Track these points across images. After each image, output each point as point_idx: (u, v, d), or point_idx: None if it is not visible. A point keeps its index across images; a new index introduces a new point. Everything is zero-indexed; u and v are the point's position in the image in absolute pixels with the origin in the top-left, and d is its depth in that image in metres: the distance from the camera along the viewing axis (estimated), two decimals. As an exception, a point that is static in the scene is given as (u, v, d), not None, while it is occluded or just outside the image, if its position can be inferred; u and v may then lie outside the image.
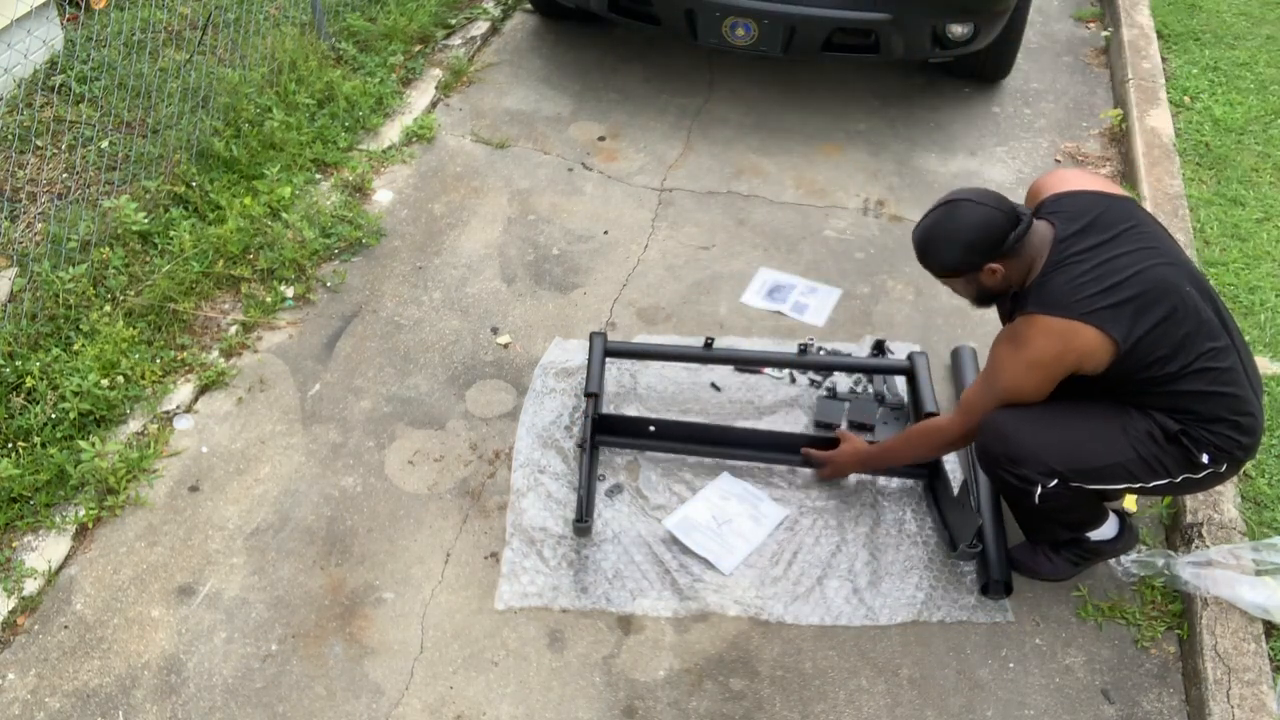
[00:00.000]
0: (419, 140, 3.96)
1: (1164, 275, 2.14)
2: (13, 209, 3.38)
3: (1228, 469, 2.23)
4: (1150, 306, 2.10)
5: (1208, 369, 2.14)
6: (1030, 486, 2.26)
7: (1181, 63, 4.40)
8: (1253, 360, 2.25)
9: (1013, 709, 2.34)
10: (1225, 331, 2.19)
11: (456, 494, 2.74)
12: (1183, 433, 2.18)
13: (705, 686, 2.36)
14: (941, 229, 2.22)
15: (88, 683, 2.32)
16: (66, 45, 4.03)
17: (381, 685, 2.34)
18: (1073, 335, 2.10)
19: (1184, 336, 2.12)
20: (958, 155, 4.00)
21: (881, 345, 3.07)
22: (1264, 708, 2.23)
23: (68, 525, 2.59)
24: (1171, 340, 2.11)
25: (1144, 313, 2.10)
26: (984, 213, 2.18)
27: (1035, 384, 2.20)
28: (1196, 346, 2.13)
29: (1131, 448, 2.19)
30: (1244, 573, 2.39)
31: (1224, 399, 2.15)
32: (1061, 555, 2.51)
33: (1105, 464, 2.21)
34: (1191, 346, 2.12)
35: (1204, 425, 2.17)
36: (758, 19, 3.65)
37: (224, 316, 3.18)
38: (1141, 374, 2.14)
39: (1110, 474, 2.23)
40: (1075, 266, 2.13)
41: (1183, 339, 2.12)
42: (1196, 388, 2.14)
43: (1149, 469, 2.21)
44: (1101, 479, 2.24)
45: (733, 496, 2.73)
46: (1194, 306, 2.14)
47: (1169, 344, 2.11)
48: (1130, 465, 2.20)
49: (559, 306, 3.30)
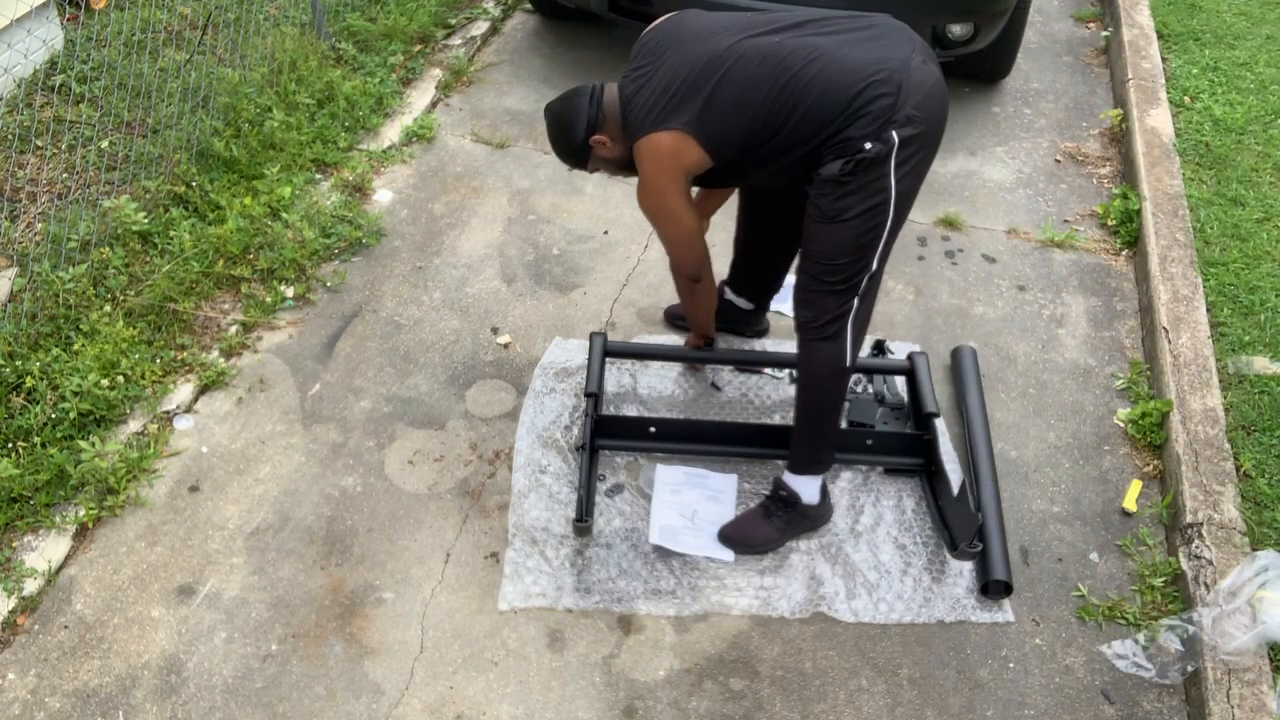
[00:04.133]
0: (419, 140, 3.96)
1: (699, 56, 2.26)
2: (13, 209, 3.38)
3: (894, 132, 2.19)
4: (700, 88, 2.24)
5: (801, 94, 2.19)
6: (853, 278, 2.33)
7: (1181, 63, 4.40)
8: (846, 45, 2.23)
9: (1013, 709, 2.34)
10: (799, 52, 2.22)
11: (456, 494, 2.74)
12: (848, 160, 2.20)
13: (705, 686, 2.36)
14: (552, 135, 2.51)
15: (88, 683, 2.32)
16: (66, 45, 4.03)
17: (381, 685, 2.34)
18: (656, 144, 2.29)
19: (750, 90, 2.22)
20: (958, 155, 4.00)
21: (881, 345, 3.08)
22: (1264, 708, 2.23)
23: (68, 525, 2.59)
24: (737, 98, 2.22)
25: (696, 92, 2.24)
26: (562, 103, 2.47)
27: (667, 191, 2.35)
28: (775, 90, 2.21)
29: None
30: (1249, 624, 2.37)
31: (830, 96, 2.18)
32: (770, 523, 2.60)
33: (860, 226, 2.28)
34: (772, 94, 2.21)
35: (837, 131, 2.19)
36: (758, 19, 3.65)
37: (224, 316, 3.18)
38: (763, 141, 2.25)
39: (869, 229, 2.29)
40: (635, 98, 2.34)
41: (750, 92, 2.21)
42: (805, 123, 2.20)
43: (868, 196, 2.23)
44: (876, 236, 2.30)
45: (681, 487, 2.74)
46: (742, 70, 2.22)
47: (736, 101, 2.22)
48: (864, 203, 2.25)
49: (559, 306, 3.30)
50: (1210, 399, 2.89)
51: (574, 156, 2.49)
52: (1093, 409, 3.03)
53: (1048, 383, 3.10)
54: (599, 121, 2.41)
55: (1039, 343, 3.23)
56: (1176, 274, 3.29)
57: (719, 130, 2.25)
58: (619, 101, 2.38)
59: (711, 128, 2.25)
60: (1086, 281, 3.47)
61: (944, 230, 3.64)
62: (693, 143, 2.27)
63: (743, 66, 2.23)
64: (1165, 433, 2.88)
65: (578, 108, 2.42)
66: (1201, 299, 3.21)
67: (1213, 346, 3.06)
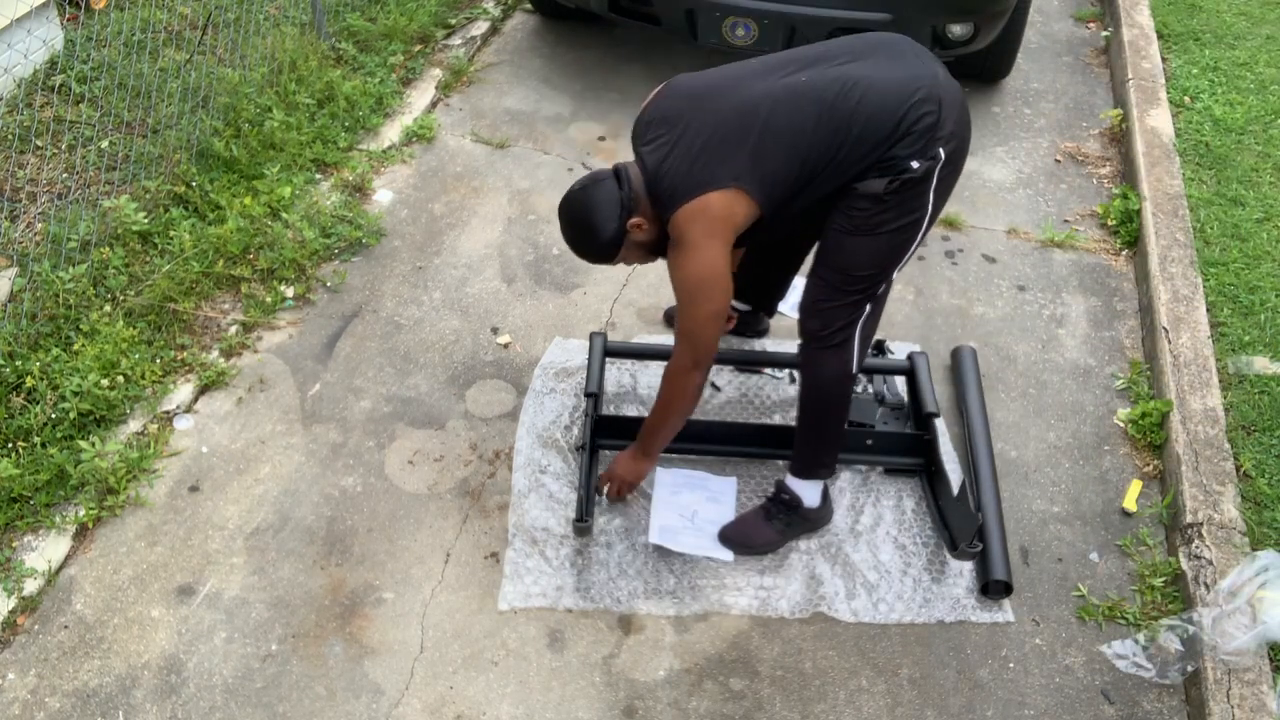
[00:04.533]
0: (419, 140, 3.96)
1: (728, 109, 2.15)
2: (13, 209, 3.38)
3: (940, 148, 2.17)
4: (743, 140, 2.12)
5: (843, 126, 2.13)
6: (870, 289, 2.30)
7: (1181, 63, 4.40)
8: (889, 65, 2.20)
9: (1013, 709, 2.34)
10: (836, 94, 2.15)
11: (456, 494, 2.74)
12: (893, 179, 2.16)
13: (705, 686, 2.36)
14: (578, 229, 2.27)
15: (88, 683, 2.32)
16: (66, 45, 4.03)
17: (381, 685, 2.34)
18: (707, 207, 2.13)
19: (796, 134, 2.13)
20: (958, 155, 3.99)
21: (881, 345, 3.07)
22: (1264, 708, 2.23)
23: (68, 525, 2.59)
24: (787, 144, 2.13)
25: (739, 146, 2.12)
26: (585, 192, 2.24)
27: (717, 258, 2.17)
28: (822, 125, 2.12)
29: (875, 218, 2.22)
30: (1249, 624, 2.37)
31: (879, 121, 2.13)
32: (771, 525, 2.58)
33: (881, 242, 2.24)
34: (812, 136, 2.13)
35: (884, 153, 2.14)
36: (758, 19, 3.65)
37: (224, 316, 3.18)
38: (807, 175, 2.16)
39: (889, 249, 2.26)
40: (663, 167, 2.16)
41: (797, 136, 2.13)
42: (854, 151, 2.14)
43: (906, 213, 2.21)
44: (893, 256, 2.28)
45: (681, 488, 2.74)
46: (782, 113, 2.14)
47: (785, 147, 2.13)
48: (891, 226, 2.22)
49: (559, 306, 3.30)
50: (1210, 399, 2.89)
51: (606, 250, 2.27)
52: (1093, 409, 3.03)
53: (1048, 383, 3.10)
54: (632, 204, 2.21)
55: (1039, 343, 3.23)
56: (1176, 274, 3.29)
57: (771, 178, 2.13)
58: (643, 178, 2.20)
59: (764, 178, 2.13)
60: (1086, 281, 3.47)
61: (944, 230, 3.64)
62: (745, 198, 2.13)
63: (782, 109, 2.13)
64: (1165, 433, 2.88)
65: (607, 192, 2.21)
66: (1201, 299, 3.21)
67: (1213, 346, 3.06)
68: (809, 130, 2.12)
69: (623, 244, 2.26)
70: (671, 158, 2.15)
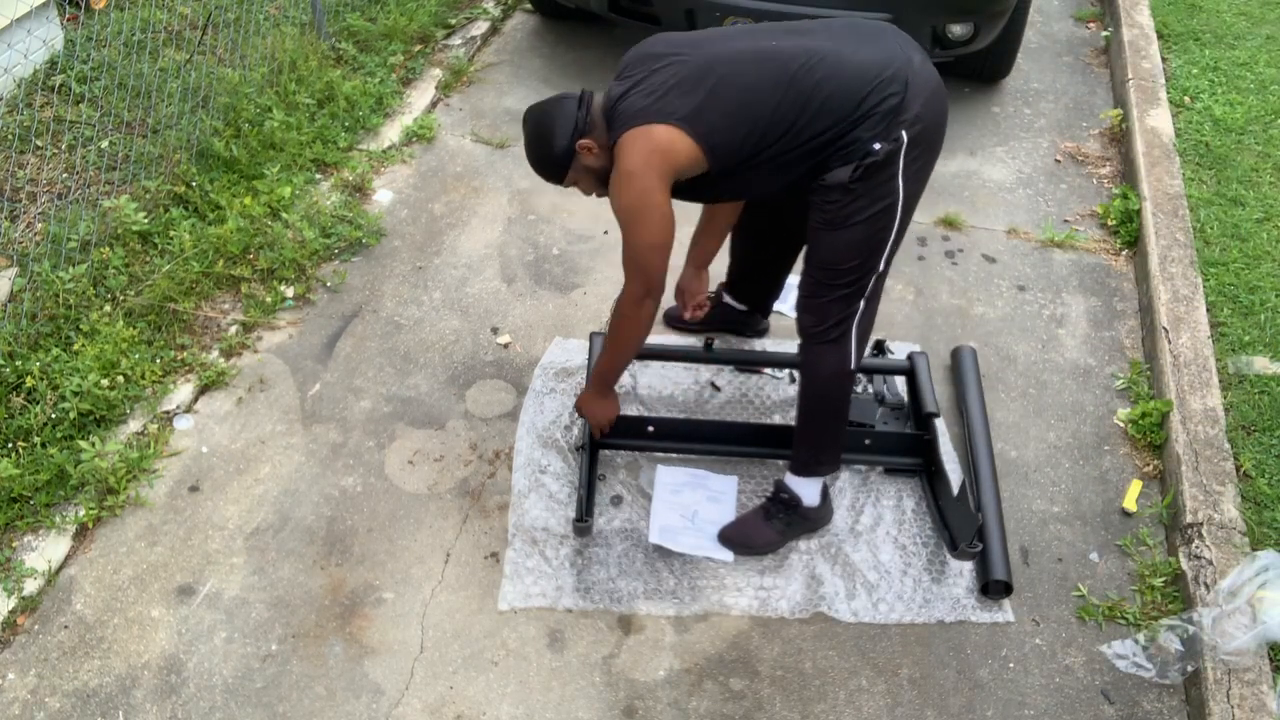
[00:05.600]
0: (419, 140, 3.96)
1: (695, 59, 2.19)
2: (13, 209, 3.38)
3: (903, 131, 2.16)
4: (698, 87, 2.15)
5: (809, 102, 2.14)
6: (859, 280, 2.30)
7: (1181, 63, 4.40)
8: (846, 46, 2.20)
9: (1013, 709, 2.34)
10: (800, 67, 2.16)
11: (456, 494, 2.74)
12: (857, 165, 2.16)
13: (705, 686, 2.36)
14: (531, 140, 2.34)
15: (88, 683, 2.32)
16: (66, 45, 4.03)
17: (381, 685, 2.34)
18: (647, 135, 2.16)
19: (750, 93, 2.15)
20: (957, 155, 4.00)
21: (881, 345, 3.07)
22: (1264, 708, 2.23)
23: (68, 525, 2.59)
24: (738, 100, 2.15)
25: (692, 92, 2.15)
26: (545, 106, 2.32)
27: (652, 188, 2.19)
28: (781, 92, 2.14)
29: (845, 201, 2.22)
30: (1249, 624, 2.37)
31: (840, 99, 2.13)
32: (771, 525, 2.59)
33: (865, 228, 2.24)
34: (773, 102, 2.14)
35: (846, 133, 2.14)
36: (758, 19, 3.65)
37: (224, 316, 3.18)
38: (766, 145, 2.17)
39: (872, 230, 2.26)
40: (623, 99, 2.22)
41: (751, 95, 2.15)
42: (811, 125, 2.15)
43: (876, 200, 2.21)
44: (879, 244, 2.28)
45: (683, 487, 2.74)
46: (742, 71, 2.16)
47: (736, 104, 2.14)
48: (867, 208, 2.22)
49: (559, 306, 3.30)
50: (1210, 399, 2.89)
51: (553, 165, 2.32)
52: (1093, 409, 3.03)
53: (1048, 383, 3.10)
54: (587, 126, 2.27)
55: (1039, 343, 3.23)
56: (1176, 274, 3.29)
57: (719, 130, 2.16)
58: (604, 105, 2.26)
59: (710, 125, 2.16)
60: (1086, 281, 3.47)
61: (944, 230, 3.64)
62: (688, 139, 2.16)
63: (744, 68, 2.17)
64: (1165, 433, 2.88)
65: (564, 110, 2.28)
66: (1201, 299, 3.21)
67: (1213, 346, 3.06)
68: (764, 93, 2.15)
69: (571, 163, 2.31)
70: (634, 93, 2.21)
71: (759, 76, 2.17)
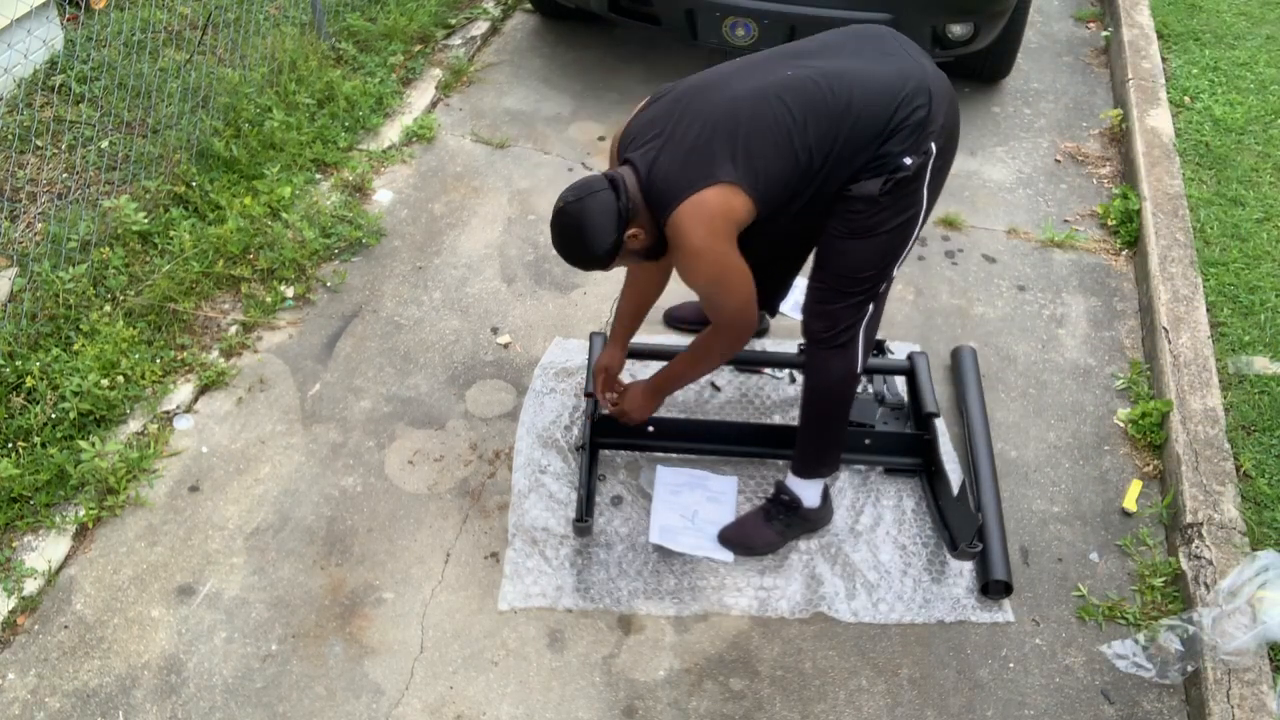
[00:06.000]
0: (419, 140, 3.96)
1: (713, 106, 2.11)
2: (13, 209, 3.38)
3: (932, 142, 2.16)
4: (732, 136, 2.07)
5: (832, 131, 2.11)
6: (873, 288, 2.29)
7: (1181, 63, 4.40)
8: (870, 66, 2.16)
9: (1013, 709, 2.34)
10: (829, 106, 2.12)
11: (456, 494, 2.74)
12: (887, 179, 2.14)
13: (705, 686, 2.36)
14: (574, 241, 2.16)
15: (88, 683, 2.32)
16: (66, 45, 4.03)
17: (381, 685, 2.34)
18: (703, 205, 2.06)
19: (784, 130, 2.09)
20: (958, 155, 3.98)
21: (881, 345, 3.07)
22: (1264, 708, 2.23)
23: (68, 525, 2.59)
24: (775, 140, 2.08)
25: (727, 144, 2.07)
26: (580, 202, 2.12)
27: (726, 254, 2.12)
28: (812, 122, 2.09)
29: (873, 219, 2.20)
30: (1249, 624, 2.37)
31: (870, 117, 2.10)
32: (771, 526, 2.58)
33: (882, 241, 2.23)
34: (803, 131, 2.09)
35: (876, 150, 2.12)
36: (758, 19, 3.65)
37: (224, 316, 3.18)
38: (799, 182, 2.13)
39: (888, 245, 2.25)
40: (655, 170, 2.10)
41: (786, 133, 2.09)
42: (847, 147, 2.12)
43: (902, 210, 2.20)
44: (892, 253, 2.27)
45: (682, 488, 2.74)
46: (768, 111, 2.10)
47: (774, 144, 2.08)
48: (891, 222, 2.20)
49: (559, 306, 3.30)
50: (1210, 399, 2.89)
51: (601, 261, 2.17)
52: (1093, 409, 3.03)
53: (1048, 383, 3.10)
54: (630, 213, 2.12)
55: (1039, 343, 3.23)
56: (1176, 274, 3.29)
57: (763, 175, 2.08)
58: (639, 183, 2.13)
59: (755, 174, 2.07)
60: (1086, 281, 3.47)
61: (944, 230, 3.64)
62: (740, 194, 2.07)
63: (769, 108, 2.09)
64: (1165, 433, 2.88)
65: (603, 204, 2.10)
66: (1201, 299, 3.21)
67: (1213, 346, 3.06)
68: (796, 126, 2.08)
69: (619, 253, 2.18)
70: (662, 158, 2.10)
71: (786, 112, 2.09)
